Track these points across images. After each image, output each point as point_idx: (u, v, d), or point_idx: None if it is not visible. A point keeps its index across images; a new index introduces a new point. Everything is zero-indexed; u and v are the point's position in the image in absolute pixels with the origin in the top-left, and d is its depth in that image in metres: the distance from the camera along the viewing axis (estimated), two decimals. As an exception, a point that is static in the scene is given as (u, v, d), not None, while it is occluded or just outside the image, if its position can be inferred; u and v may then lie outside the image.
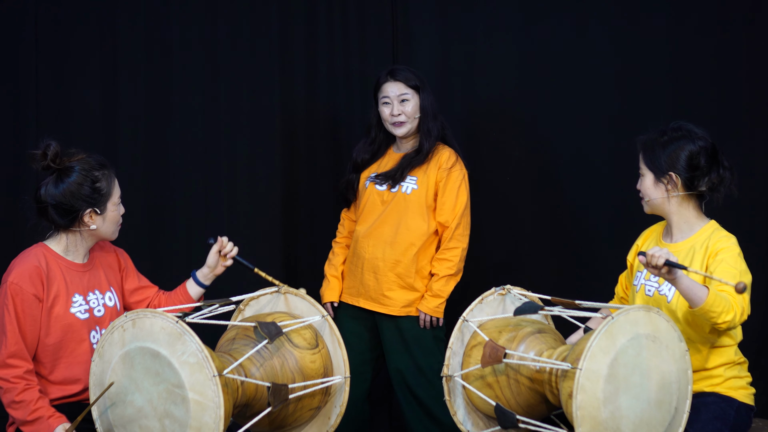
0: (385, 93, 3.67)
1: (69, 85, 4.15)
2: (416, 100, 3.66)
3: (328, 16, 4.21)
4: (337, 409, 3.06)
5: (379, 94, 3.70)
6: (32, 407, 2.86)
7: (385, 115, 3.68)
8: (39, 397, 2.88)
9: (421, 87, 3.66)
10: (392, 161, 3.74)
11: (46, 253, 3.00)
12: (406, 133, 3.68)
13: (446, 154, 3.66)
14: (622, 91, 4.11)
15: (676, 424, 2.79)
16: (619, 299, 3.35)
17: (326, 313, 3.08)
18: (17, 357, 2.90)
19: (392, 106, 3.65)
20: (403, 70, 3.69)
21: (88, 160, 3.01)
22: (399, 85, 3.65)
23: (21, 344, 2.90)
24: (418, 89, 3.66)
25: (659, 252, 2.71)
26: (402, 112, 3.64)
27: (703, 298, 2.73)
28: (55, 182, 2.97)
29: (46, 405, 2.88)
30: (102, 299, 3.08)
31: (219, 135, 4.20)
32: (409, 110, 3.65)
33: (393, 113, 3.65)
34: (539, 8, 4.15)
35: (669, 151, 3.02)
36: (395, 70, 3.69)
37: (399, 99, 3.64)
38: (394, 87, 3.66)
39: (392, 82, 3.66)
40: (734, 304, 2.79)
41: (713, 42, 4.07)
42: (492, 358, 2.89)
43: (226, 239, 3.24)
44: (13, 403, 2.87)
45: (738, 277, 2.87)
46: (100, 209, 3.01)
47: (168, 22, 4.18)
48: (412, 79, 3.66)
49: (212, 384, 2.65)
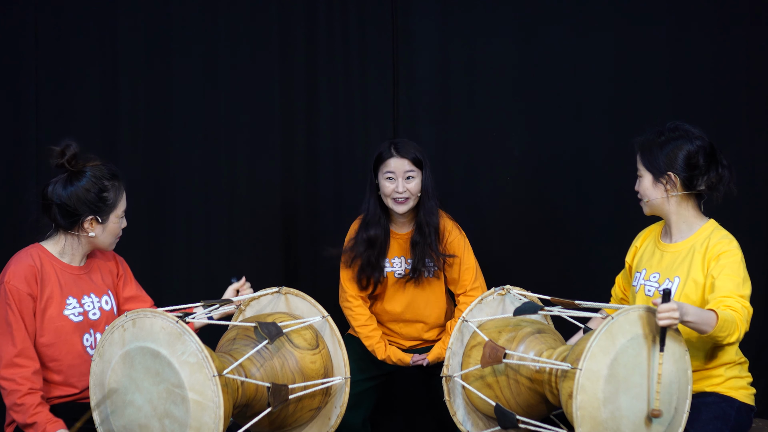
0: (390, 168, 3.55)
1: (69, 86, 4.15)
2: (420, 177, 3.57)
3: (328, 16, 4.21)
4: (337, 409, 3.06)
5: (382, 168, 3.57)
6: (31, 411, 2.86)
7: (387, 190, 3.55)
8: (39, 402, 2.88)
9: (424, 163, 3.58)
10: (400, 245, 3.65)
11: (41, 253, 3.01)
12: (406, 211, 3.59)
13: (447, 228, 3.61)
14: (622, 92, 4.11)
15: (676, 424, 2.79)
16: (619, 301, 3.35)
17: (326, 313, 3.09)
18: (24, 356, 2.90)
19: (397, 183, 3.54)
20: (407, 145, 3.59)
21: (102, 168, 3.03)
22: (404, 161, 3.55)
23: (28, 342, 2.91)
24: (422, 166, 3.57)
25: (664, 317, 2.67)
26: (407, 189, 3.54)
27: (712, 325, 2.74)
28: (64, 183, 2.98)
29: (44, 411, 2.88)
30: (98, 303, 3.08)
31: (219, 135, 4.20)
32: (413, 188, 3.55)
33: (398, 190, 3.54)
34: (539, 8, 4.15)
35: (667, 151, 3.01)
36: (399, 145, 3.58)
37: (404, 176, 3.54)
38: (400, 163, 3.55)
39: (398, 158, 3.55)
40: (739, 321, 2.79)
41: (713, 42, 4.06)
42: (492, 358, 2.89)
43: (244, 279, 3.23)
44: (15, 405, 2.87)
45: (740, 286, 2.87)
46: (102, 218, 3.02)
47: (168, 23, 4.18)
48: (417, 156, 3.56)
49: (212, 384, 2.65)
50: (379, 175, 3.59)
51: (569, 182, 4.14)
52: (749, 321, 2.84)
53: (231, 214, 4.21)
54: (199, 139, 4.20)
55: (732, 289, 2.84)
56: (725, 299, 2.81)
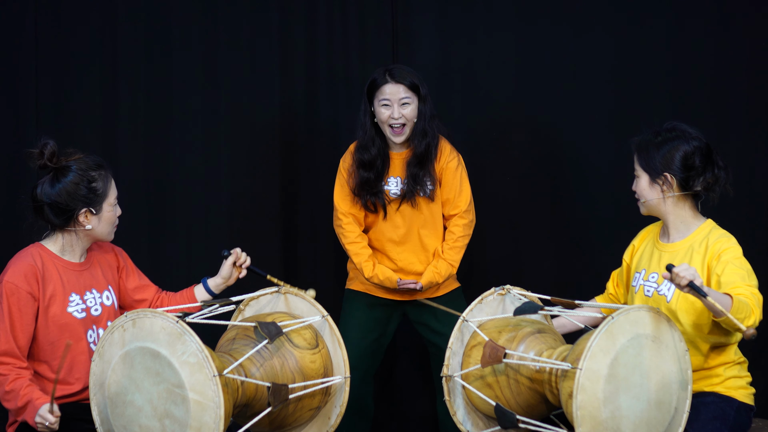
0: (385, 95, 3.55)
1: (69, 86, 4.15)
2: (416, 103, 3.58)
3: (328, 16, 4.21)
4: (337, 409, 3.06)
5: (378, 94, 3.57)
6: (21, 393, 2.86)
7: (383, 117, 3.56)
8: (28, 384, 2.88)
9: (421, 88, 3.58)
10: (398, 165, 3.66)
11: (42, 252, 3.01)
12: (404, 140, 3.60)
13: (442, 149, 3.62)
14: (622, 91, 4.11)
15: (676, 424, 2.79)
16: (608, 296, 3.34)
17: (326, 313, 3.08)
18: (8, 355, 2.91)
19: (392, 109, 3.55)
20: (403, 71, 3.59)
21: (85, 159, 3.02)
22: (399, 87, 3.55)
23: (12, 343, 2.91)
24: (418, 91, 3.58)
25: (685, 272, 2.66)
26: (402, 115, 3.55)
27: (728, 305, 2.72)
28: (51, 181, 2.98)
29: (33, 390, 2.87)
30: (99, 298, 3.08)
31: (219, 135, 4.20)
32: (409, 114, 3.56)
33: (394, 116, 3.54)
34: (539, 8, 4.15)
35: (663, 151, 3.01)
36: (394, 71, 3.58)
37: (400, 102, 3.54)
38: (395, 89, 3.55)
39: (393, 83, 3.55)
40: (753, 306, 2.78)
41: (713, 42, 4.07)
42: (492, 358, 2.89)
43: (240, 250, 3.24)
44: (5, 393, 2.88)
45: (746, 278, 2.86)
46: (96, 209, 3.01)
47: (168, 22, 4.18)
48: (411, 80, 3.56)
49: (212, 384, 2.65)
50: (375, 102, 3.58)
51: (569, 182, 4.14)
52: (761, 308, 2.82)
53: (231, 215, 4.21)
54: (199, 139, 4.20)
55: (738, 281, 2.84)
56: (735, 289, 2.81)
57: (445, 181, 3.63)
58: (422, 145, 3.58)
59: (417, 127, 3.58)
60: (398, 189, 3.64)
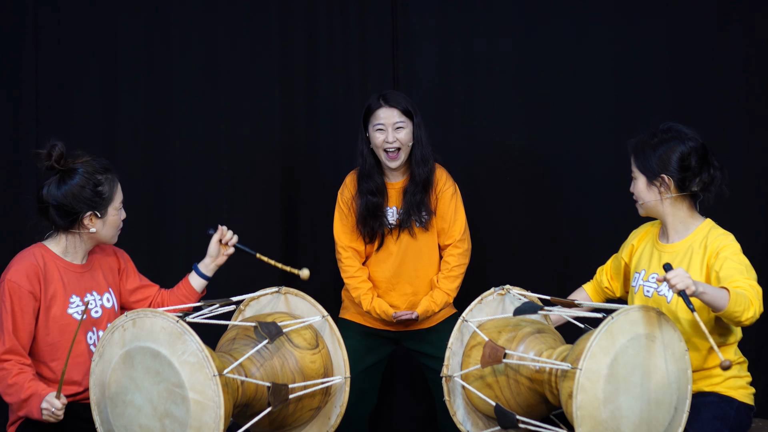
0: (379, 119, 3.56)
1: (69, 86, 4.15)
2: (410, 128, 3.58)
3: (328, 16, 4.21)
4: (337, 409, 3.06)
5: (372, 120, 3.58)
6: (25, 386, 2.86)
7: (378, 141, 3.56)
8: (31, 378, 2.89)
9: (414, 113, 3.59)
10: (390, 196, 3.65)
11: (44, 253, 3.01)
12: (400, 165, 3.60)
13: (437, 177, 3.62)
14: (622, 92, 4.11)
15: (675, 424, 2.79)
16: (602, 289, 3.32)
17: (326, 313, 3.09)
18: (12, 353, 2.91)
19: (387, 133, 3.55)
20: (396, 95, 3.61)
21: (92, 163, 3.03)
22: (393, 111, 3.56)
23: (15, 341, 2.91)
24: (411, 116, 3.59)
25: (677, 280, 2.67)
26: (397, 139, 3.55)
27: (726, 299, 2.73)
28: (57, 183, 2.98)
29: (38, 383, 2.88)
30: (100, 300, 3.09)
31: (219, 135, 4.20)
32: (403, 138, 3.56)
33: (388, 140, 3.55)
34: (539, 9, 4.15)
35: (660, 153, 3.01)
36: (388, 96, 3.60)
37: (394, 126, 3.55)
38: (389, 113, 3.56)
39: (386, 107, 3.57)
40: (752, 298, 2.78)
41: (713, 43, 4.07)
42: (492, 358, 2.89)
43: (225, 228, 3.26)
44: (8, 387, 2.88)
45: (745, 272, 2.86)
46: (101, 213, 3.02)
47: (168, 22, 4.18)
48: (405, 105, 3.57)
49: (212, 384, 2.65)
50: (369, 128, 3.59)
51: (569, 181, 4.15)
52: (761, 300, 2.82)
53: (231, 215, 4.21)
54: (199, 139, 4.20)
55: (736, 275, 2.84)
56: (733, 283, 2.81)
57: (440, 210, 3.64)
58: (423, 173, 3.59)
59: (416, 154, 3.59)
60: (394, 219, 3.65)
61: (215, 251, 3.26)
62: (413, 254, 3.65)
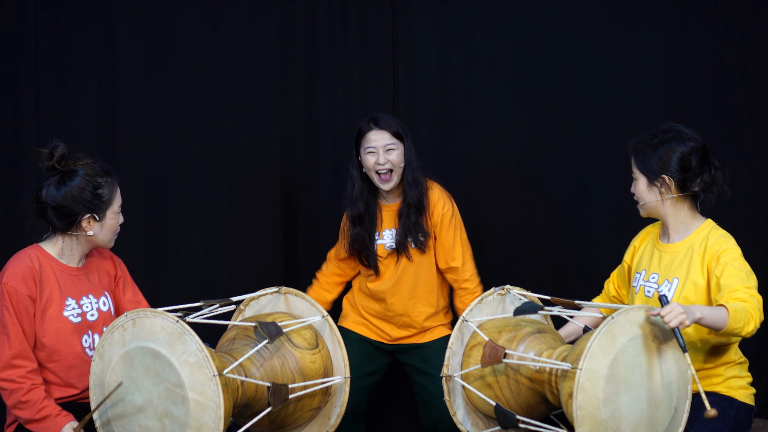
0: (370, 142, 3.60)
1: (69, 86, 4.15)
2: (401, 149, 3.61)
3: (328, 17, 4.20)
4: (337, 409, 3.06)
5: (363, 143, 3.62)
6: (39, 406, 2.86)
7: (369, 163, 3.60)
8: (45, 396, 2.89)
9: (405, 135, 3.62)
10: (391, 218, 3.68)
11: (40, 255, 3.00)
12: (392, 187, 3.63)
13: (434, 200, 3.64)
14: (622, 93, 4.11)
15: (676, 424, 2.79)
16: (609, 297, 3.34)
17: (326, 313, 3.08)
18: (22, 357, 2.90)
19: (378, 155, 3.58)
20: (386, 118, 3.65)
21: (93, 165, 3.02)
22: (384, 134, 3.60)
23: (25, 344, 2.90)
24: (402, 138, 3.62)
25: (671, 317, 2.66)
26: (388, 160, 3.58)
27: (725, 318, 2.73)
28: (57, 184, 2.97)
29: (52, 404, 2.89)
30: (96, 304, 3.08)
31: (219, 136, 4.19)
32: (395, 159, 3.59)
33: (379, 162, 3.58)
34: (539, 10, 4.15)
35: (660, 153, 3.01)
36: (378, 118, 3.63)
37: (385, 149, 3.58)
38: (379, 135, 3.60)
39: (377, 130, 3.60)
40: (751, 310, 2.78)
41: (712, 42, 4.06)
42: (492, 358, 2.89)
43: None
44: (20, 403, 2.87)
45: (746, 279, 2.86)
46: (99, 216, 3.01)
47: (168, 21, 4.17)
48: (395, 128, 3.61)
49: (212, 384, 2.65)
50: (361, 151, 3.63)
51: (569, 182, 4.14)
52: (761, 309, 2.82)
53: (231, 215, 4.21)
54: (199, 140, 4.19)
55: (737, 283, 2.83)
56: (733, 293, 2.81)
57: (441, 235, 3.66)
58: (415, 195, 3.62)
59: (407, 176, 3.62)
60: (393, 241, 3.67)
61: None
62: (410, 276, 3.67)
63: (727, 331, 2.75)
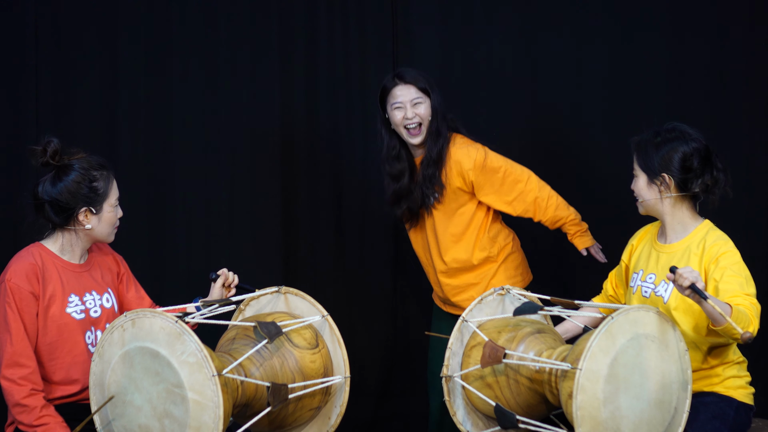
0: (396, 98, 3.53)
1: (69, 86, 4.15)
2: (428, 102, 3.54)
3: (328, 17, 4.20)
4: (337, 409, 3.06)
5: (389, 99, 3.55)
6: (38, 413, 2.87)
7: (397, 119, 3.53)
8: (44, 404, 2.89)
9: (431, 88, 3.56)
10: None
11: (42, 252, 3.01)
12: (422, 141, 3.55)
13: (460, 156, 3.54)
14: (621, 94, 4.11)
15: (675, 424, 2.79)
16: (607, 297, 3.34)
17: (326, 312, 3.08)
18: (23, 356, 2.91)
19: (405, 110, 3.52)
20: (411, 71, 3.57)
21: (88, 159, 3.03)
22: (410, 88, 3.53)
23: (26, 342, 2.91)
24: (429, 91, 3.55)
25: (688, 274, 2.66)
26: (416, 114, 3.52)
27: (728, 313, 2.72)
28: (52, 180, 2.98)
29: (52, 412, 2.89)
30: (99, 300, 3.08)
31: (219, 134, 4.20)
32: (423, 113, 3.52)
33: (407, 116, 3.52)
34: (539, 9, 4.15)
35: (662, 152, 3.01)
36: (403, 73, 3.57)
37: (412, 103, 3.52)
38: (405, 90, 3.53)
39: (402, 85, 3.54)
40: (751, 315, 2.77)
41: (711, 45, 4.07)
42: (491, 358, 2.89)
43: (227, 270, 3.23)
44: (19, 405, 2.87)
45: (745, 285, 2.85)
46: (96, 209, 3.01)
47: (168, 21, 4.17)
48: (422, 82, 3.54)
49: (211, 384, 2.65)
50: (388, 108, 3.57)
51: (569, 183, 4.14)
52: (759, 317, 2.82)
53: (231, 215, 4.21)
54: (200, 140, 4.20)
55: (737, 289, 2.83)
56: (733, 299, 2.80)
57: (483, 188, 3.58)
58: (436, 146, 3.54)
59: (431, 127, 3.55)
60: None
61: (219, 295, 3.22)
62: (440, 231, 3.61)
63: (726, 329, 2.73)
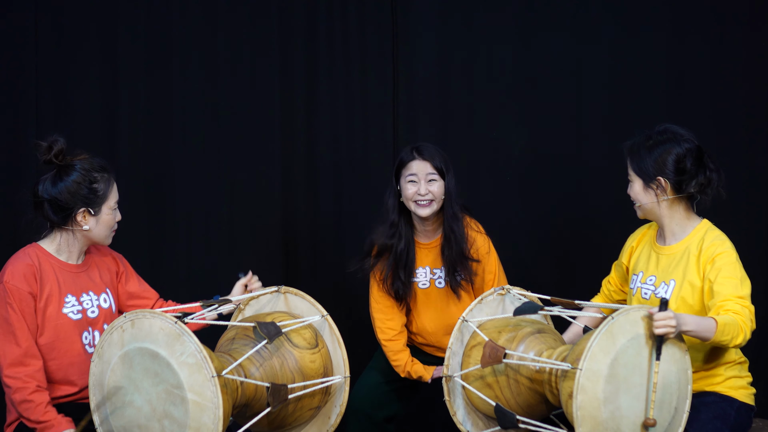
0: (412, 171, 3.47)
1: (69, 86, 4.15)
2: (442, 182, 3.48)
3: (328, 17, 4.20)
4: (337, 408, 3.06)
5: (404, 171, 3.49)
6: (42, 410, 2.87)
7: (409, 193, 3.47)
8: (48, 401, 2.90)
9: (447, 169, 3.50)
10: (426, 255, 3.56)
11: (39, 252, 3.01)
12: (430, 214, 3.48)
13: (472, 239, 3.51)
14: (620, 96, 4.11)
15: (676, 424, 2.79)
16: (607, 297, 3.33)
17: (326, 312, 3.08)
18: (29, 355, 2.91)
19: (419, 185, 3.46)
20: (430, 149, 3.51)
21: (90, 160, 3.04)
22: (426, 164, 3.47)
23: (31, 341, 2.92)
24: (444, 171, 3.49)
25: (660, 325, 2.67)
26: (429, 191, 3.46)
27: (712, 331, 2.73)
28: (53, 179, 2.99)
29: (54, 409, 2.90)
30: (97, 300, 3.08)
31: (219, 136, 4.20)
32: (436, 191, 3.46)
33: (420, 192, 3.46)
34: (540, 9, 4.15)
35: (655, 155, 2.99)
36: (422, 149, 3.51)
37: (427, 179, 3.46)
38: (422, 166, 3.47)
39: (419, 160, 3.48)
40: (742, 323, 2.78)
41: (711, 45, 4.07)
42: (492, 358, 2.89)
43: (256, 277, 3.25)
44: (25, 401, 2.88)
45: (739, 287, 2.85)
46: (95, 210, 3.01)
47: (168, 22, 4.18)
48: (438, 161, 3.48)
49: (211, 384, 2.65)
50: (401, 180, 3.51)
51: (568, 183, 4.15)
52: (753, 320, 2.82)
53: (231, 215, 4.21)
54: (200, 140, 4.20)
55: (731, 291, 2.83)
56: (725, 303, 2.81)
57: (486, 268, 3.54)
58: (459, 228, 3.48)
59: (447, 210, 3.48)
60: (427, 280, 3.56)
61: (239, 293, 3.23)
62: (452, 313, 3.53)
63: (714, 343, 2.77)
